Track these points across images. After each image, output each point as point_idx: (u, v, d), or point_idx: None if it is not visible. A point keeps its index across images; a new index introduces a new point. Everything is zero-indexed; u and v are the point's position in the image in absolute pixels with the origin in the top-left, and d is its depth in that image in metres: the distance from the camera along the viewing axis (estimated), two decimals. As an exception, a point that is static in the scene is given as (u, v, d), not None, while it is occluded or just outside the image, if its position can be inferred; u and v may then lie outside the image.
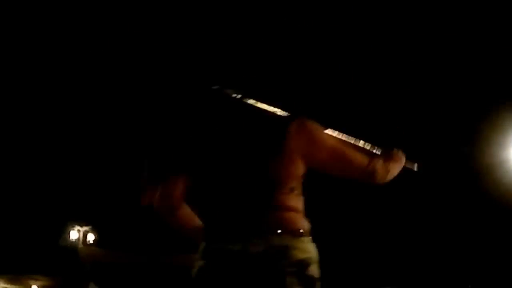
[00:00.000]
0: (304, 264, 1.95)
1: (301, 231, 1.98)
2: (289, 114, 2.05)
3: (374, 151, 2.14)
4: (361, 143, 2.14)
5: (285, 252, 1.93)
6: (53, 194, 17.43)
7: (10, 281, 16.55)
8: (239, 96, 2.07)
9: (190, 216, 2.18)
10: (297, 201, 2.02)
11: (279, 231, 1.95)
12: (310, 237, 2.01)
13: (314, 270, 1.96)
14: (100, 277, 17.68)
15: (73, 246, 18.48)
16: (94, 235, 19.05)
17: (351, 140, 2.12)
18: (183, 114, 2.19)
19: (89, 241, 18.97)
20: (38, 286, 16.71)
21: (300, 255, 1.95)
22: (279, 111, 2.06)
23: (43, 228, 16.95)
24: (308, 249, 1.99)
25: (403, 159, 2.19)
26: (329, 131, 2.08)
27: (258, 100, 2.06)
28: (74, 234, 18.71)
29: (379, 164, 2.09)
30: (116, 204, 18.14)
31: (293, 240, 1.96)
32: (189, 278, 2.01)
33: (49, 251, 16.81)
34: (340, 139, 2.09)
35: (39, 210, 17.33)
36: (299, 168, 2.02)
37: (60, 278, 16.72)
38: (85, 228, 18.94)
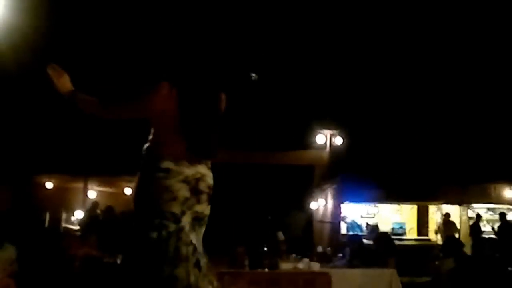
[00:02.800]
0: (211, 187, 3.18)
1: (209, 164, 3.23)
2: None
3: None
4: None
5: (204, 177, 3.16)
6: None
7: (103, 183, 16.54)
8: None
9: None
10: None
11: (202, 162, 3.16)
12: None
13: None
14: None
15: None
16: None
17: None
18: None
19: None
20: (131, 188, 16.58)
21: (210, 181, 3.19)
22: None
23: (133, 129, 16.55)
24: (212, 177, 3.24)
25: None
26: None
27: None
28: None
29: None
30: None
31: (207, 170, 3.21)
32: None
33: (140, 152, 16.50)
34: None
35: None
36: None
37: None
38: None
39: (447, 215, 15.58)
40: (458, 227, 15.79)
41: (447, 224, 15.36)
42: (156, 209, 3.01)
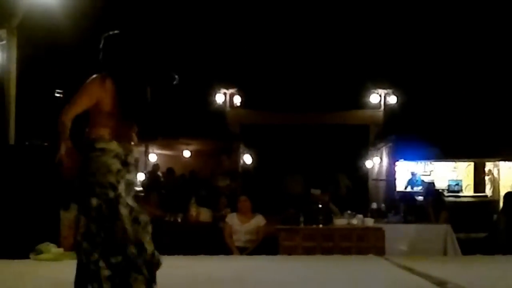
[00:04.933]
0: (137, 160, 4.31)
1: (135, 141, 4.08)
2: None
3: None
4: None
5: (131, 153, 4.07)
6: (198, 59, 17.23)
7: (163, 146, 17.03)
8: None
9: None
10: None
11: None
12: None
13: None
14: (249, 138, 17.78)
15: (220, 109, 18.52)
16: (240, 97, 18.88)
17: None
18: None
19: (235, 103, 18.86)
20: (189, 151, 17.00)
21: (136, 155, 4.18)
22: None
23: (189, 93, 16.93)
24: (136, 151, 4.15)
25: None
26: None
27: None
28: (220, 97, 18.66)
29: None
30: (260, 64, 17.78)
31: (133, 147, 4.10)
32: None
33: (197, 115, 16.86)
34: None
35: (185, 74, 17.31)
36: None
37: (211, 141, 16.85)
38: (231, 91, 18.81)
39: (488, 172, 15.55)
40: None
41: (490, 179, 15.34)
42: (96, 180, 3.81)
